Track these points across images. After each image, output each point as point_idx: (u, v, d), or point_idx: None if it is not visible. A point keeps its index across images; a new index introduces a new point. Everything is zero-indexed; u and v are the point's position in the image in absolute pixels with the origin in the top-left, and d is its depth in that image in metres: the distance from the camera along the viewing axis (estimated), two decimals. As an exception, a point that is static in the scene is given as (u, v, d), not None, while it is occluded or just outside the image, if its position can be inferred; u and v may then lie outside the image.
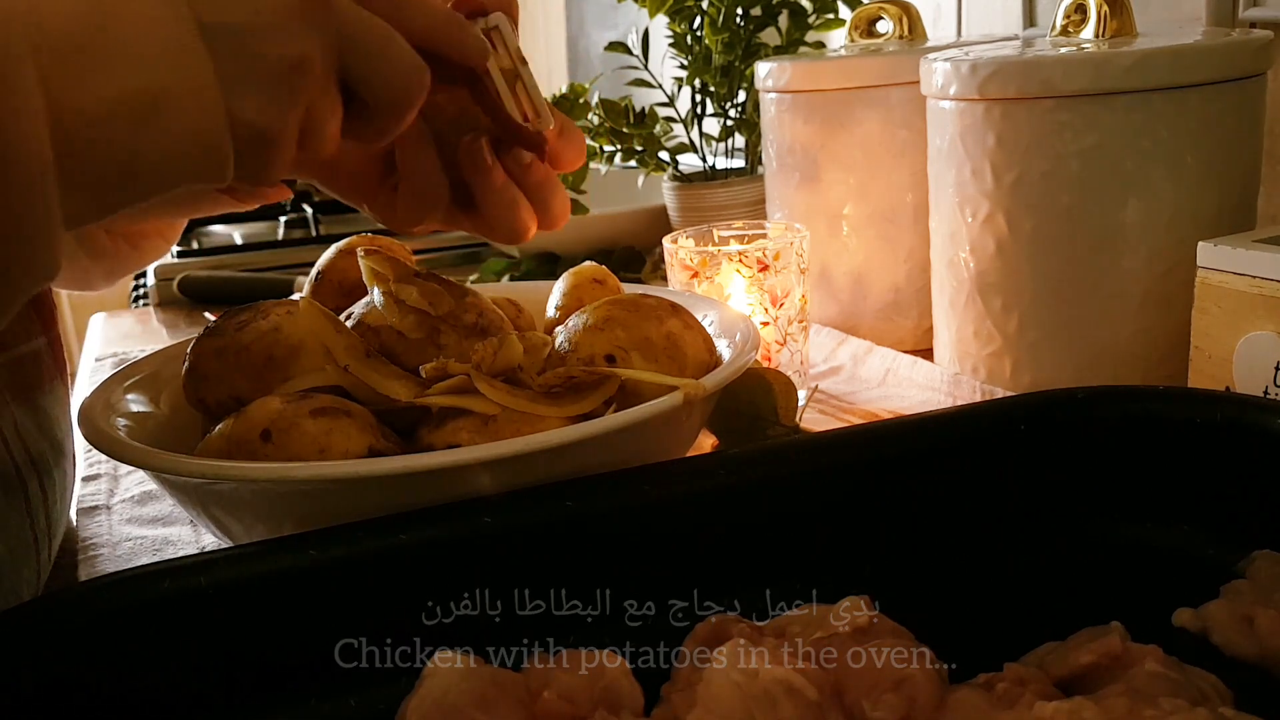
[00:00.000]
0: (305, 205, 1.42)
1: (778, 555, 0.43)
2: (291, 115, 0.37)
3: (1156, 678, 0.34)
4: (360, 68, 0.39)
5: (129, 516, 0.61)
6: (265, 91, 0.36)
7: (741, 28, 0.98)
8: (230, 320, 0.49)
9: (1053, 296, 0.66)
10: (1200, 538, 0.44)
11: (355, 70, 0.39)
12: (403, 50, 0.39)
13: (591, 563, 0.41)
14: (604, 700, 0.34)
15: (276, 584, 0.38)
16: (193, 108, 0.35)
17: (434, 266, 1.08)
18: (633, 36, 1.02)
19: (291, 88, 0.37)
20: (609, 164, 1.04)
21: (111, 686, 0.36)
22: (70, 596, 0.37)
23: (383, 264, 0.50)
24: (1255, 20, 0.78)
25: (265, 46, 0.36)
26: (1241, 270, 0.57)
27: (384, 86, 0.39)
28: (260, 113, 0.36)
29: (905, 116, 0.81)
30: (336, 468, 0.41)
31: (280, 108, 0.37)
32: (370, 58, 0.39)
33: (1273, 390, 0.55)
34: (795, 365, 0.74)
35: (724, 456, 0.46)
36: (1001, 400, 0.49)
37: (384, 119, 0.41)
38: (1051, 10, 0.85)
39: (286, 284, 1.06)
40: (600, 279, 0.60)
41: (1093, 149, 0.63)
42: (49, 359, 0.51)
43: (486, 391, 0.45)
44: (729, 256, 0.71)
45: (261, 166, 0.38)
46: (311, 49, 0.37)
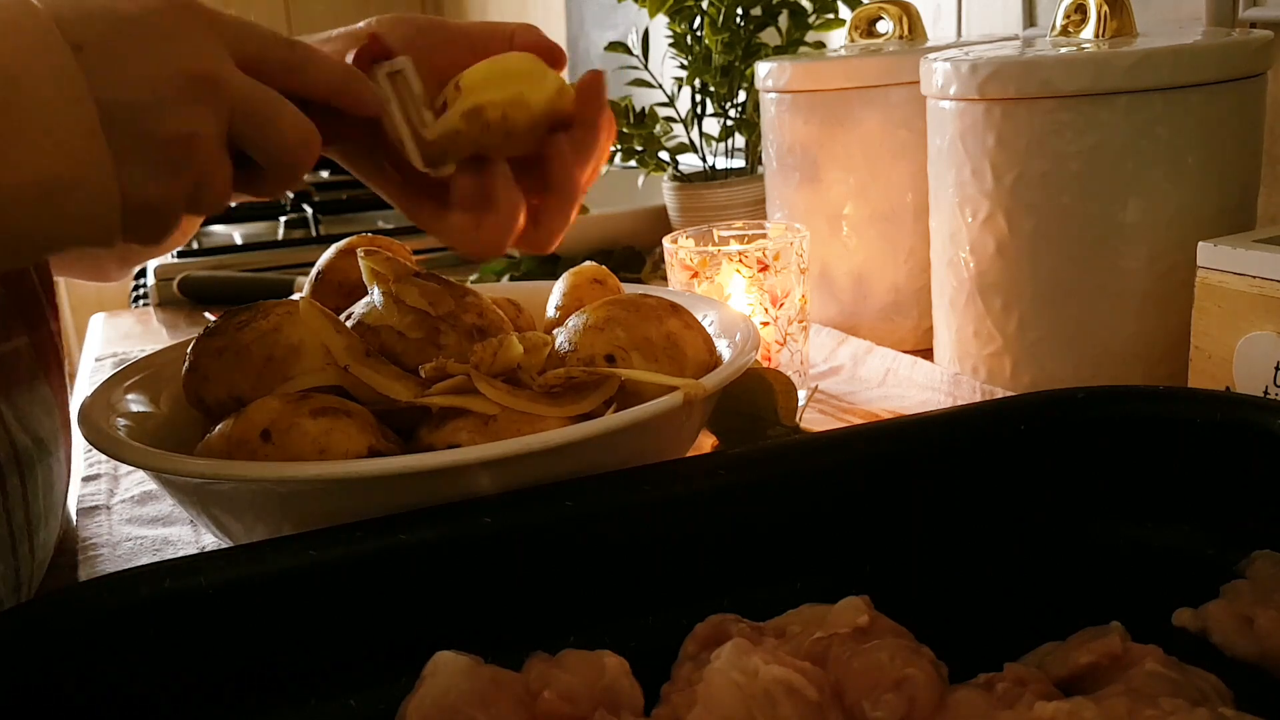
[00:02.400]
0: (305, 205, 1.42)
1: (778, 555, 0.43)
2: (177, 187, 0.39)
3: (1156, 678, 0.34)
4: (251, 135, 0.41)
5: (129, 516, 0.61)
6: (154, 165, 0.38)
7: (741, 28, 0.98)
8: (230, 320, 0.49)
9: (1053, 296, 0.66)
10: (1200, 538, 0.44)
11: (247, 137, 0.41)
12: (292, 118, 0.41)
13: (591, 563, 0.41)
14: (604, 700, 0.34)
15: (276, 584, 0.38)
16: (89, 190, 0.37)
17: (434, 266, 1.08)
18: (633, 36, 1.02)
19: (180, 162, 0.38)
20: (609, 164, 1.04)
21: (111, 686, 0.36)
22: (70, 596, 0.37)
23: (383, 264, 0.50)
24: (1255, 20, 0.78)
25: (155, 122, 0.38)
26: (1241, 270, 0.57)
27: (274, 151, 0.41)
28: (149, 186, 0.38)
29: (905, 116, 0.81)
30: (336, 468, 0.41)
31: (168, 181, 0.38)
32: (260, 126, 0.40)
33: (1273, 390, 0.55)
34: (795, 365, 0.74)
35: (724, 456, 0.46)
36: (1001, 400, 0.49)
37: (275, 180, 0.43)
38: (1051, 10, 0.85)
39: (286, 284, 1.06)
40: (600, 279, 0.60)
41: (1093, 149, 0.63)
42: (30, 358, 0.52)
43: (486, 391, 0.45)
44: (729, 256, 0.71)
45: (149, 234, 0.40)
46: (200, 124, 0.38)
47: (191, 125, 0.38)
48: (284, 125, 0.41)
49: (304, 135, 0.41)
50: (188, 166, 0.39)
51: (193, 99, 0.38)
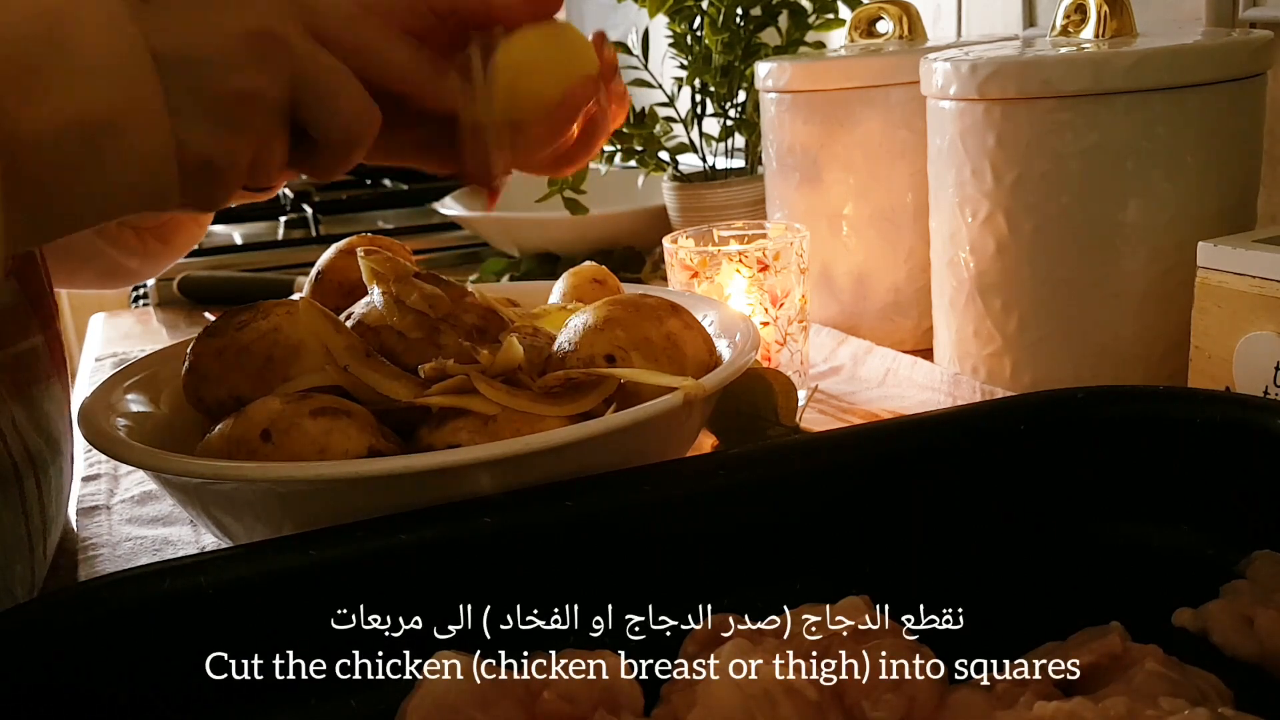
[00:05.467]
0: (305, 205, 1.42)
1: (777, 555, 0.43)
2: (239, 146, 0.38)
3: (1156, 678, 0.34)
4: (311, 107, 0.39)
5: (129, 516, 0.61)
6: (214, 121, 0.37)
7: (741, 28, 0.98)
8: (230, 320, 0.49)
9: (1053, 296, 0.66)
10: (1200, 538, 0.44)
11: (306, 109, 0.39)
12: (354, 95, 0.40)
13: (591, 563, 0.41)
14: (604, 700, 0.34)
15: (276, 584, 0.38)
16: (142, 133, 0.35)
17: (434, 266, 1.08)
18: (633, 36, 1.02)
19: (240, 120, 0.37)
20: (609, 164, 1.04)
21: (111, 686, 0.36)
22: (70, 596, 0.37)
23: (383, 264, 0.50)
24: (1255, 20, 0.78)
25: (216, 78, 0.36)
26: (1241, 270, 0.57)
27: (331, 128, 0.40)
28: (208, 142, 0.37)
29: (905, 116, 0.81)
30: (336, 468, 0.41)
31: (228, 138, 0.37)
32: (321, 98, 0.39)
33: (1273, 390, 0.55)
34: (795, 365, 0.74)
35: (724, 456, 0.46)
36: (1001, 400, 0.49)
37: (330, 159, 0.41)
38: (1051, 10, 0.85)
39: (286, 284, 1.06)
40: (600, 279, 0.60)
41: (1093, 149, 0.63)
42: (46, 357, 0.51)
43: (486, 392, 0.45)
44: (729, 256, 0.71)
45: (208, 195, 0.38)
46: (262, 84, 0.37)
47: (254, 84, 0.37)
48: (344, 99, 0.40)
49: (365, 112, 0.40)
50: (247, 126, 0.37)
51: (257, 58, 0.37)
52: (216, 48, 0.37)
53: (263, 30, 0.37)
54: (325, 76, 0.39)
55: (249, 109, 0.37)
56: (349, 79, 0.40)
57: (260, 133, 0.38)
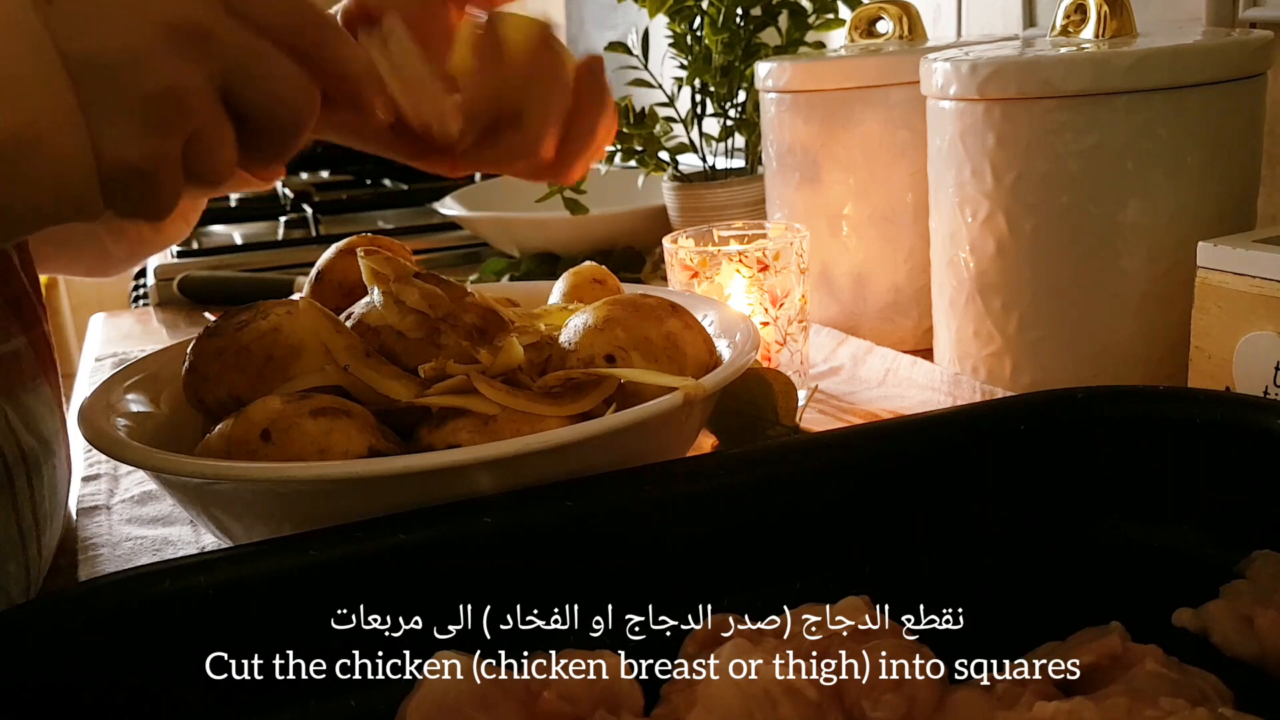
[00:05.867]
0: (305, 205, 1.42)
1: (778, 555, 0.43)
2: (164, 147, 0.36)
3: (1156, 678, 0.34)
4: (247, 93, 0.37)
5: (129, 516, 0.61)
6: (134, 124, 0.35)
7: (741, 28, 0.98)
8: (230, 320, 0.49)
9: (1053, 296, 0.66)
10: (1200, 538, 0.44)
11: (241, 95, 0.37)
12: (289, 74, 0.38)
13: (591, 563, 0.41)
14: (604, 700, 0.34)
15: (276, 584, 0.38)
16: (57, 144, 0.34)
17: (434, 266, 1.08)
18: (633, 36, 1.02)
19: (163, 119, 0.35)
20: (609, 164, 1.04)
21: (111, 686, 0.36)
22: (70, 596, 0.37)
23: (383, 264, 0.50)
24: (1255, 20, 0.78)
25: (134, 77, 0.35)
26: (1241, 270, 0.57)
27: (271, 111, 0.38)
28: (130, 146, 0.35)
29: (905, 116, 0.81)
30: (336, 468, 0.41)
31: (155, 141, 0.35)
32: (254, 81, 0.37)
33: (1273, 390, 0.55)
34: (795, 365, 0.74)
35: (724, 456, 0.46)
36: (1001, 400, 0.49)
37: (276, 143, 0.39)
38: (1051, 10, 0.85)
39: (286, 284, 1.06)
40: (600, 279, 0.60)
41: (1093, 149, 0.63)
42: (31, 358, 0.51)
43: (486, 392, 0.45)
44: (729, 256, 0.71)
45: (141, 200, 0.36)
46: (185, 78, 0.35)
47: (174, 79, 0.35)
48: (281, 81, 0.38)
49: (303, 91, 0.38)
50: (176, 125, 0.36)
51: (175, 52, 0.35)
52: (132, 46, 0.35)
53: (183, 20, 0.35)
54: (256, 60, 0.37)
55: (173, 107, 0.35)
56: (280, 59, 0.38)
57: (196, 129, 0.36)
